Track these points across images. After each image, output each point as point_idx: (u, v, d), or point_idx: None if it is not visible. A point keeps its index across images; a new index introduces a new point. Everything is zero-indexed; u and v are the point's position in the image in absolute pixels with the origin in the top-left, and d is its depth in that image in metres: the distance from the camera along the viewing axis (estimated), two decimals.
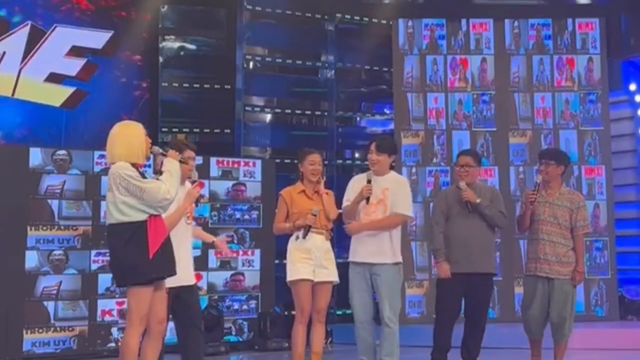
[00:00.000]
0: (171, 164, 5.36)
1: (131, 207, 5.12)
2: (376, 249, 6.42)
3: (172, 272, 5.31)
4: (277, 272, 9.79)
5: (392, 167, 6.72)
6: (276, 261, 9.91)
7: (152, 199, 5.13)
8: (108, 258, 6.35)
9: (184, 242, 6.05)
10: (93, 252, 8.88)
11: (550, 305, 6.71)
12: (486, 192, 6.78)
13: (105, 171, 6.19)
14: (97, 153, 8.94)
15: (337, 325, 10.26)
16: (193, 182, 6.14)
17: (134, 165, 5.23)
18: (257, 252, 9.90)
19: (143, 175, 5.25)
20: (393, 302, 6.43)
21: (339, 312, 10.93)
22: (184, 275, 5.91)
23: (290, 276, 6.50)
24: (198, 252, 8.67)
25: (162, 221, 5.25)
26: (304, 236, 6.44)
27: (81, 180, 8.93)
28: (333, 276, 6.58)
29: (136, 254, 5.11)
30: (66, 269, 8.78)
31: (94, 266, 8.88)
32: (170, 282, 5.55)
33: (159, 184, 5.19)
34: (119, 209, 5.13)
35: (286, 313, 9.78)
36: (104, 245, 8.43)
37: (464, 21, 11.51)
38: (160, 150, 5.46)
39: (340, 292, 7.89)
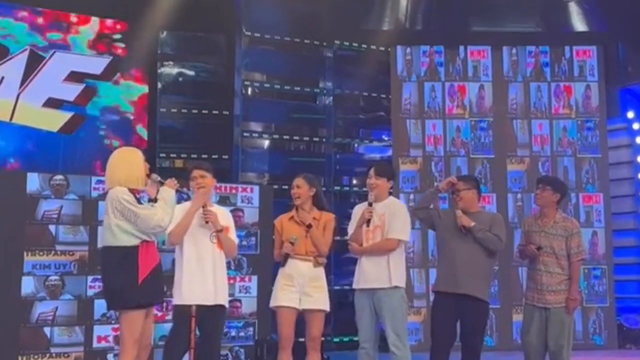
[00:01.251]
0: (167, 193, 5.41)
1: (124, 232, 5.17)
2: (375, 275, 6.46)
3: (160, 299, 5.37)
4: None
5: (390, 193, 6.77)
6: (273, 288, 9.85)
7: (145, 226, 5.18)
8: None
9: (207, 260, 6.12)
10: (89, 278, 8.81)
11: (547, 334, 6.72)
12: (485, 219, 6.75)
13: (103, 196, 6.18)
14: (94, 178, 8.92)
15: (335, 353, 10.20)
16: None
17: (131, 190, 5.28)
18: (255, 278, 9.84)
19: (139, 201, 5.29)
20: (396, 326, 6.42)
21: (336, 340, 10.87)
22: (202, 293, 5.99)
23: (271, 302, 6.59)
24: None
25: (154, 248, 5.31)
26: (282, 264, 6.50)
27: (78, 205, 8.88)
28: (320, 304, 6.48)
29: (126, 278, 5.16)
30: (62, 295, 8.73)
31: (90, 292, 8.83)
32: (187, 299, 5.75)
33: (154, 211, 5.25)
34: (112, 232, 5.19)
35: None
36: (100, 271, 8.37)
37: (462, 48, 11.56)
38: (159, 178, 5.51)
39: (337, 319, 7.88)
